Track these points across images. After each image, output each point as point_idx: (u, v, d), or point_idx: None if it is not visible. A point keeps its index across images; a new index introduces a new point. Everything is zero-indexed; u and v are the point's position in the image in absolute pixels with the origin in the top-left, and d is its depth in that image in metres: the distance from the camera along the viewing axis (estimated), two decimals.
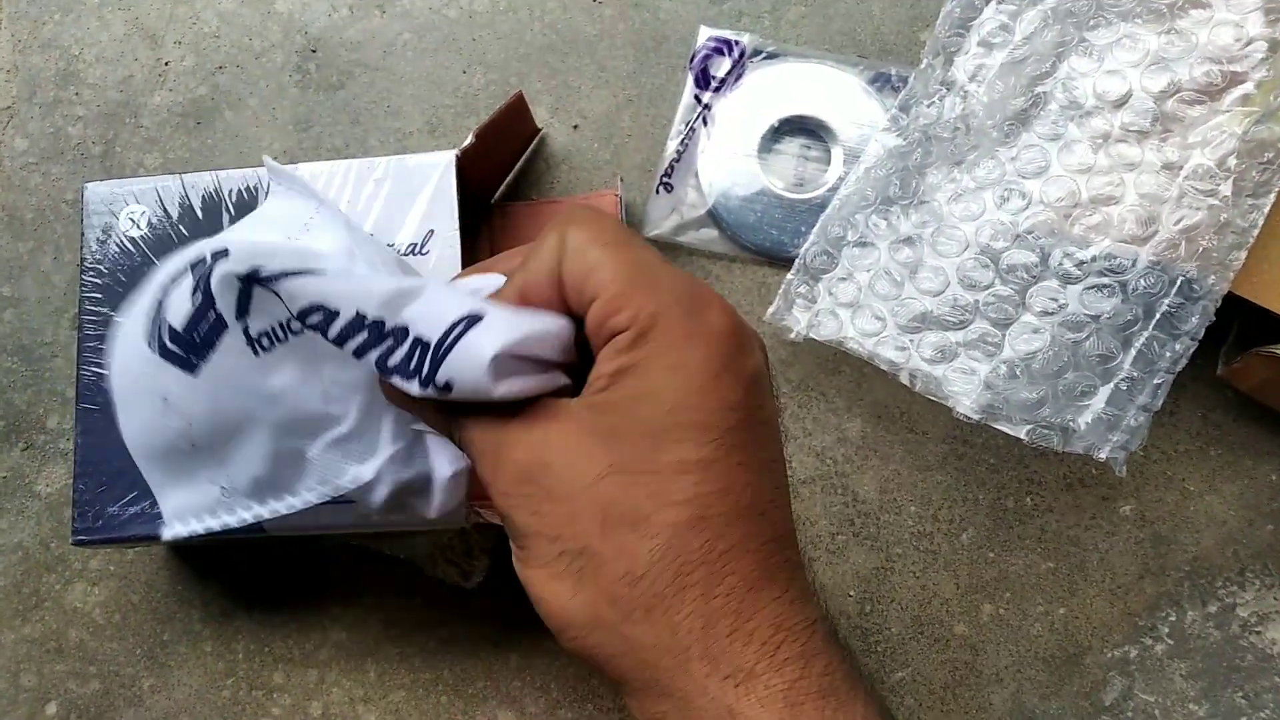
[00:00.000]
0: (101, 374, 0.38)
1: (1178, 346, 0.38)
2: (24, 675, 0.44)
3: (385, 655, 0.43)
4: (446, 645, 0.43)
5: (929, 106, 0.41)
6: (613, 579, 0.24)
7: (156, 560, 0.45)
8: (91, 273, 0.39)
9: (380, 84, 0.47)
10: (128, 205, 0.39)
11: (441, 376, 0.24)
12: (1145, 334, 0.38)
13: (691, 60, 0.45)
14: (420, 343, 0.25)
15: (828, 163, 0.45)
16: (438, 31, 0.47)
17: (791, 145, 0.45)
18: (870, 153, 0.42)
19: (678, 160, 0.44)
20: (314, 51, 0.48)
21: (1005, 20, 0.41)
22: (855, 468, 0.43)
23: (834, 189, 0.44)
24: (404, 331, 0.25)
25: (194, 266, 0.28)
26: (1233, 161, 0.38)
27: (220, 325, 0.27)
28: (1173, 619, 0.41)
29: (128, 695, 0.43)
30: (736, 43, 0.45)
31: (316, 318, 0.25)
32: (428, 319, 0.25)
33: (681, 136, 0.45)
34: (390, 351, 0.25)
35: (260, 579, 0.44)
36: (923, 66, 0.42)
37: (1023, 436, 0.38)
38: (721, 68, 0.45)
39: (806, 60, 0.45)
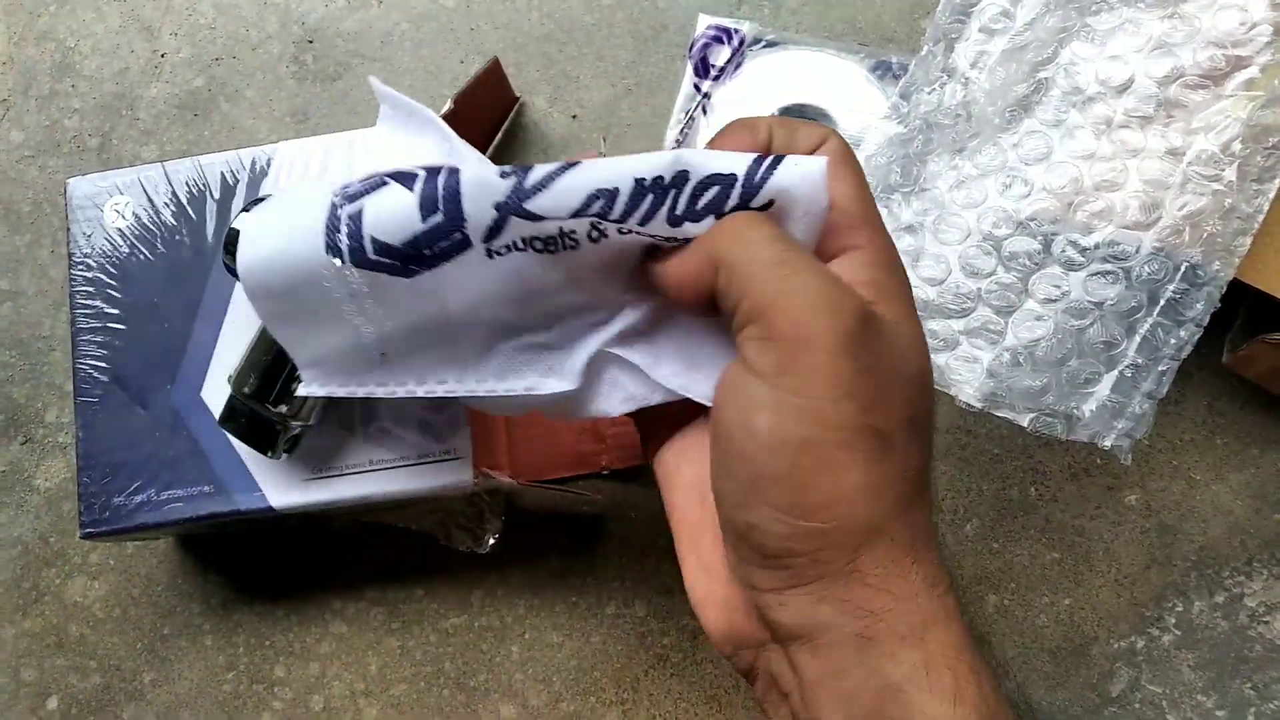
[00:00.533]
0: (99, 366, 0.38)
1: (1182, 333, 0.37)
2: (24, 670, 0.44)
3: (386, 649, 0.43)
4: (448, 638, 0.43)
5: (930, 94, 0.41)
6: (899, 468, 0.24)
7: (157, 554, 0.44)
8: (81, 267, 0.39)
9: (378, 74, 0.47)
10: (111, 198, 0.39)
11: (763, 196, 0.25)
12: (1150, 321, 0.38)
13: (690, 49, 0.45)
14: (720, 178, 0.25)
15: None
16: (435, 21, 0.47)
17: None
18: (870, 141, 0.41)
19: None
20: (311, 42, 0.47)
21: (1006, 6, 0.41)
22: None
23: None
24: (685, 176, 0.25)
25: (410, 185, 0.27)
26: (1237, 147, 0.38)
27: (464, 244, 0.27)
28: (1179, 609, 0.41)
29: (128, 689, 0.43)
30: (736, 31, 0.45)
31: (599, 205, 0.25)
32: (721, 160, 0.25)
33: (681, 126, 0.44)
34: (676, 200, 0.25)
35: (261, 572, 0.44)
36: (923, 54, 0.41)
37: (1026, 425, 0.38)
38: (721, 56, 0.44)
39: (806, 48, 0.45)
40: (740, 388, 0.25)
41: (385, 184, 0.27)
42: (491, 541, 0.42)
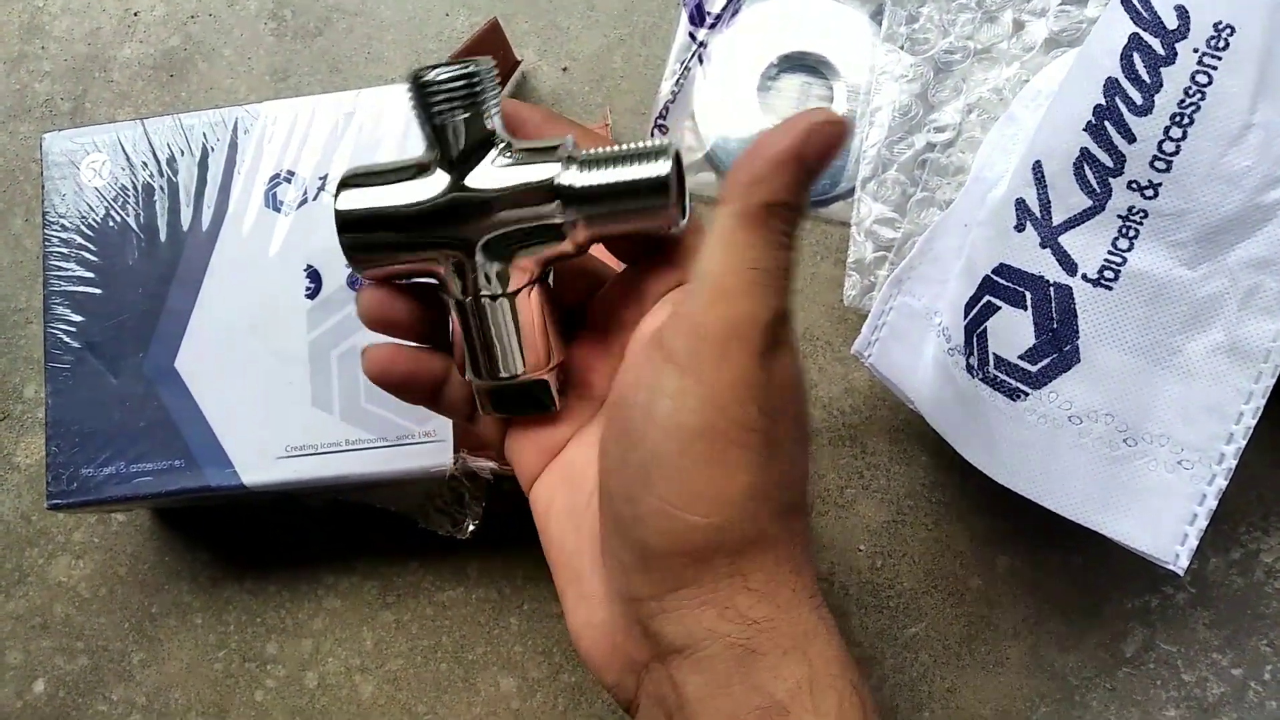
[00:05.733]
0: (71, 331, 0.36)
1: None
2: (9, 653, 0.43)
3: (381, 623, 0.42)
4: (444, 611, 0.41)
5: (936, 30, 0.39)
6: (785, 475, 0.25)
7: (143, 531, 0.43)
8: (55, 227, 0.37)
9: (360, 29, 0.45)
10: (89, 155, 0.37)
11: None
12: None
13: None
14: None
15: (830, 100, 0.43)
16: None
17: (792, 83, 0.43)
18: (884, 93, 0.40)
19: (673, 101, 0.42)
20: None
21: None
22: (864, 419, 0.41)
23: None
24: None
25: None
26: None
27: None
28: (1194, 566, 0.40)
29: (117, 670, 0.42)
30: None
31: None
32: None
33: (676, 76, 0.43)
34: None
35: (250, 547, 0.42)
36: None
37: None
38: (717, 3, 0.43)
39: None
40: (649, 369, 0.24)
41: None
42: (471, 528, 0.41)
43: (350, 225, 0.27)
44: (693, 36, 0.43)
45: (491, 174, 0.26)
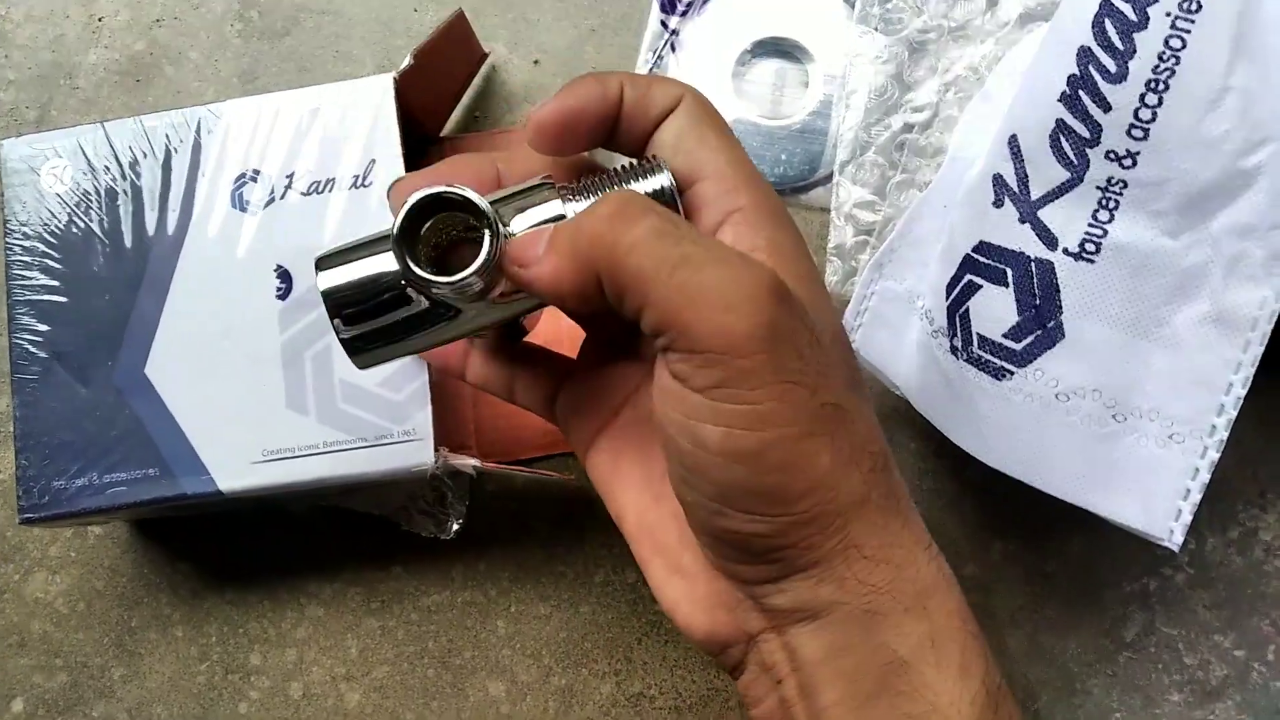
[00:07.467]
0: (37, 341, 0.36)
1: None
2: None
3: (366, 630, 0.41)
4: (430, 616, 0.41)
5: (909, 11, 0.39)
6: (862, 433, 0.23)
7: (120, 544, 0.42)
8: (17, 235, 0.36)
9: (327, 28, 0.44)
10: (49, 160, 0.37)
11: None
12: None
13: None
14: None
15: (806, 85, 0.42)
16: None
17: (766, 69, 0.42)
18: (857, 76, 0.39)
19: None
20: None
21: None
22: None
23: (814, 113, 0.41)
24: None
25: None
26: None
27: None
28: (1192, 547, 0.39)
29: (97, 686, 0.41)
30: None
31: None
32: None
33: (649, 66, 0.42)
34: None
35: (231, 557, 0.42)
36: None
37: None
38: None
39: None
40: (678, 401, 0.22)
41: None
42: (455, 527, 0.40)
43: (345, 304, 0.24)
44: (664, 25, 0.42)
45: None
